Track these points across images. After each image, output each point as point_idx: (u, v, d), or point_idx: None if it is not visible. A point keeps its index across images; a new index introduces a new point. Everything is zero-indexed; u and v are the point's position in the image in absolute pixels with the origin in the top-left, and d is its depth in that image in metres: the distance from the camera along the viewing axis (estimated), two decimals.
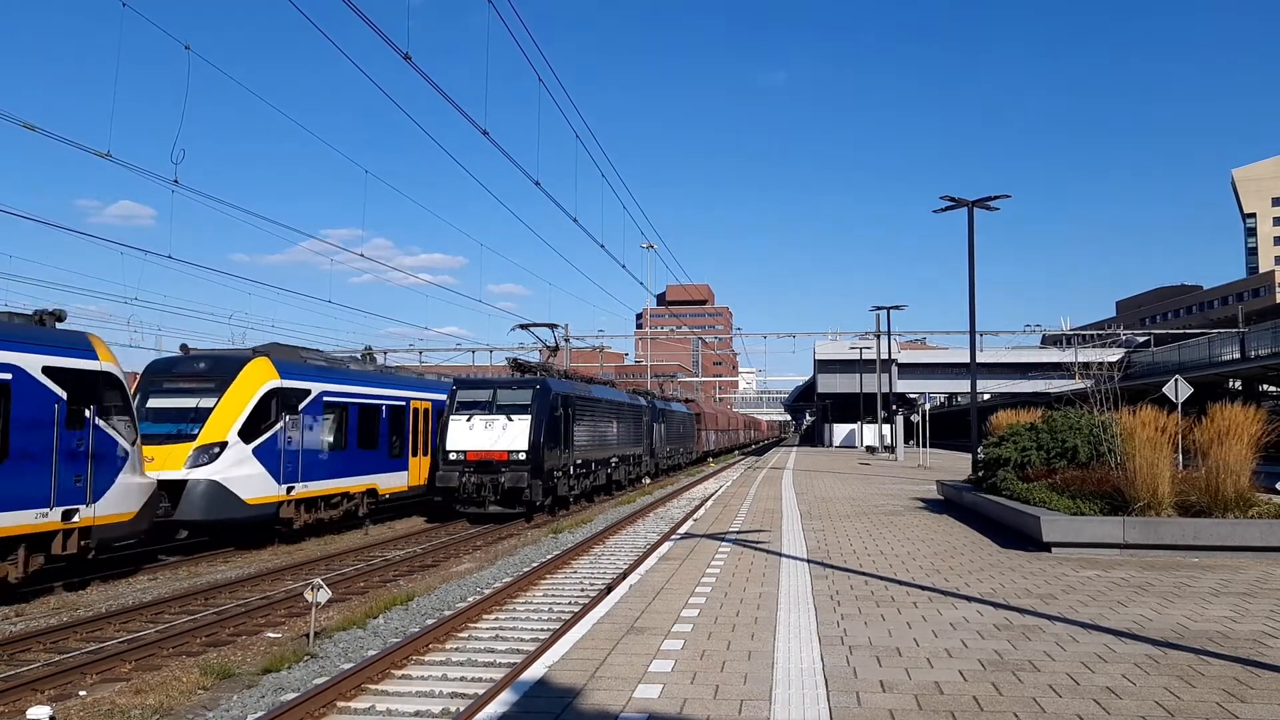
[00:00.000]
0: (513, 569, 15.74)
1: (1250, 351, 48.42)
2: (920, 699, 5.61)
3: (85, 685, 9.13)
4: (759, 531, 14.76)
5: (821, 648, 6.91)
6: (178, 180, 17.74)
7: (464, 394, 24.05)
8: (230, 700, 8.45)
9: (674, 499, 30.17)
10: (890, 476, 31.54)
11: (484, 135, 17.59)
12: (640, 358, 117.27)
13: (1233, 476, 11.82)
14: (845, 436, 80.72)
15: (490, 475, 22.53)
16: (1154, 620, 7.81)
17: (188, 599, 13.41)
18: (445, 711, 7.96)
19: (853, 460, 47.31)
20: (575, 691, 5.85)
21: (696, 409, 56.38)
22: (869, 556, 11.84)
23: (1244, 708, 5.36)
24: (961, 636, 7.26)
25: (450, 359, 64.33)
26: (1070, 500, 12.89)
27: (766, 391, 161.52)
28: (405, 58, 13.95)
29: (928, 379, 76.87)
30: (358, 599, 13.47)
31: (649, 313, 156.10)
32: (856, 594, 9.18)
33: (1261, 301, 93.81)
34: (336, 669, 9.23)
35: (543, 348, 32.18)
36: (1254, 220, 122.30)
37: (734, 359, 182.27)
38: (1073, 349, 63.12)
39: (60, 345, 13.89)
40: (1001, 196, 25.29)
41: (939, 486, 22.17)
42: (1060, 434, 16.07)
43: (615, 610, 8.47)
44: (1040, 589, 9.37)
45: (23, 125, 15.24)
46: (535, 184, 21.48)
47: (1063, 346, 71.77)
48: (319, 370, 20.98)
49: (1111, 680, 5.97)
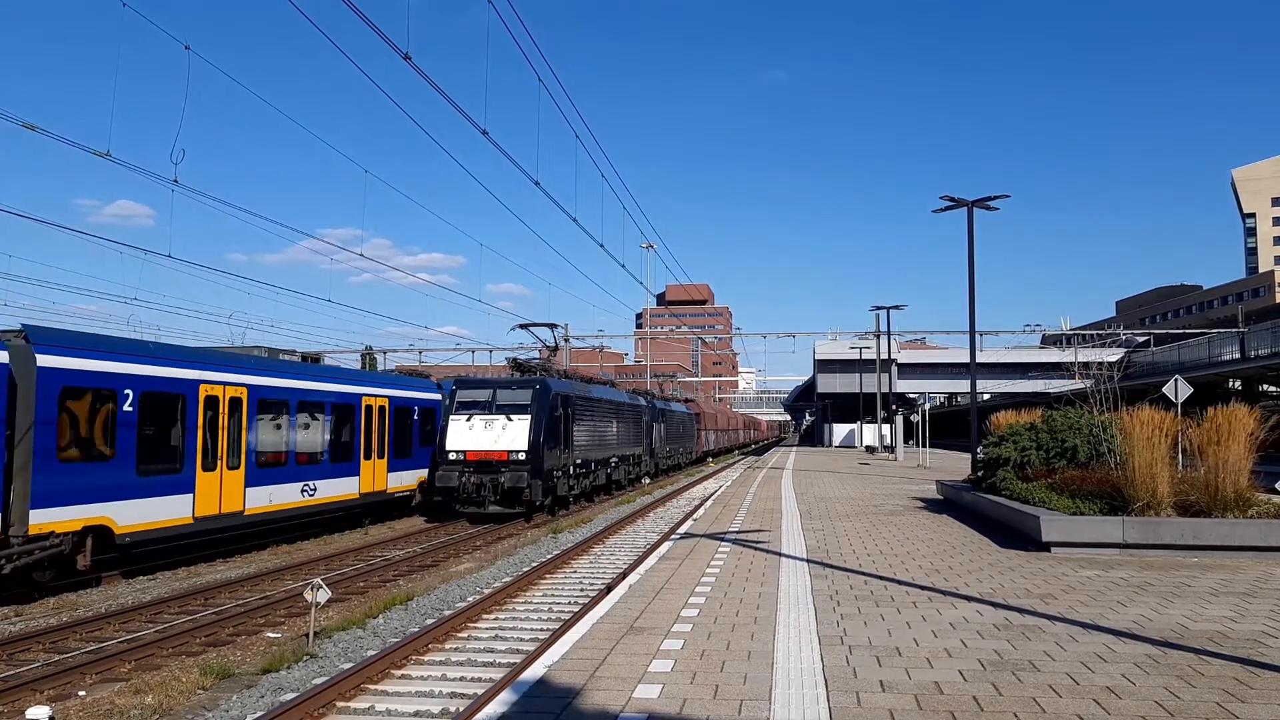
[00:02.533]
0: (512, 569, 15.73)
1: (1250, 351, 48.43)
2: (920, 699, 5.61)
3: (84, 685, 9.13)
4: (759, 531, 14.76)
5: (821, 648, 6.91)
6: (177, 180, 17.67)
7: (464, 394, 24.02)
8: (230, 700, 8.45)
9: (674, 499, 30.16)
10: (890, 476, 31.53)
11: (484, 135, 17.58)
12: (640, 358, 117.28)
13: (1232, 476, 11.83)
14: (845, 436, 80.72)
15: (490, 475, 22.52)
16: (1154, 620, 7.80)
17: (187, 599, 13.41)
18: (445, 711, 7.96)
19: (852, 460, 47.30)
20: (575, 691, 5.85)
21: (696, 409, 56.36)
22: (869, 556, 11.84)
23: (1244, 708, 5.36)
24: (961, 636, 7.25)
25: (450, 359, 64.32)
26: (1070, 500, 12.89)
27: (766, 391, 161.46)
28: (405, 58, 13.94)
29: (927, 379, 76.87)
30: (357, 599, 13.46)
31: (649, 313, 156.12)
32: (856, 594, 9.17)
33: (1261, 301, 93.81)
34: (336, 669, 9.23)
35: (542, 348, 32.15)
36: (1254, 220, 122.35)
37: (734, 359, 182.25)
38: (1073, 349, 63.17)
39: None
40: (1001, 196, 25.29)
41: (938, 486, 22.17)
42: (1060, 434, 16.07)
43: (615, 610, 8.46)
44: (1040, 589, 9.36)
45: (22, 125, 15.22)
46: (535, 184, 21.45)
47: (1062, 346, 71.80)
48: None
49: (1111, 680, 5.97)
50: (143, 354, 15.85)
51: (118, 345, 15.60)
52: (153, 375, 15.70)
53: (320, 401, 20.78)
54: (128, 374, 15.17)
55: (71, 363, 14.06)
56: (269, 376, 19.09)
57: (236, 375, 17.93)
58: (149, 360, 15.80)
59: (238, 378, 17.93)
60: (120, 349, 15.44)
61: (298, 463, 19.86)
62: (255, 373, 18.64)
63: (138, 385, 15.29)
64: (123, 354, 15.30)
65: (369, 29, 13.24)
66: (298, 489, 19.80)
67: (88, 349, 14.60)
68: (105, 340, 15.59)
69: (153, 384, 15.66)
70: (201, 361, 17.42)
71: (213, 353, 18.63)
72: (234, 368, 18.07)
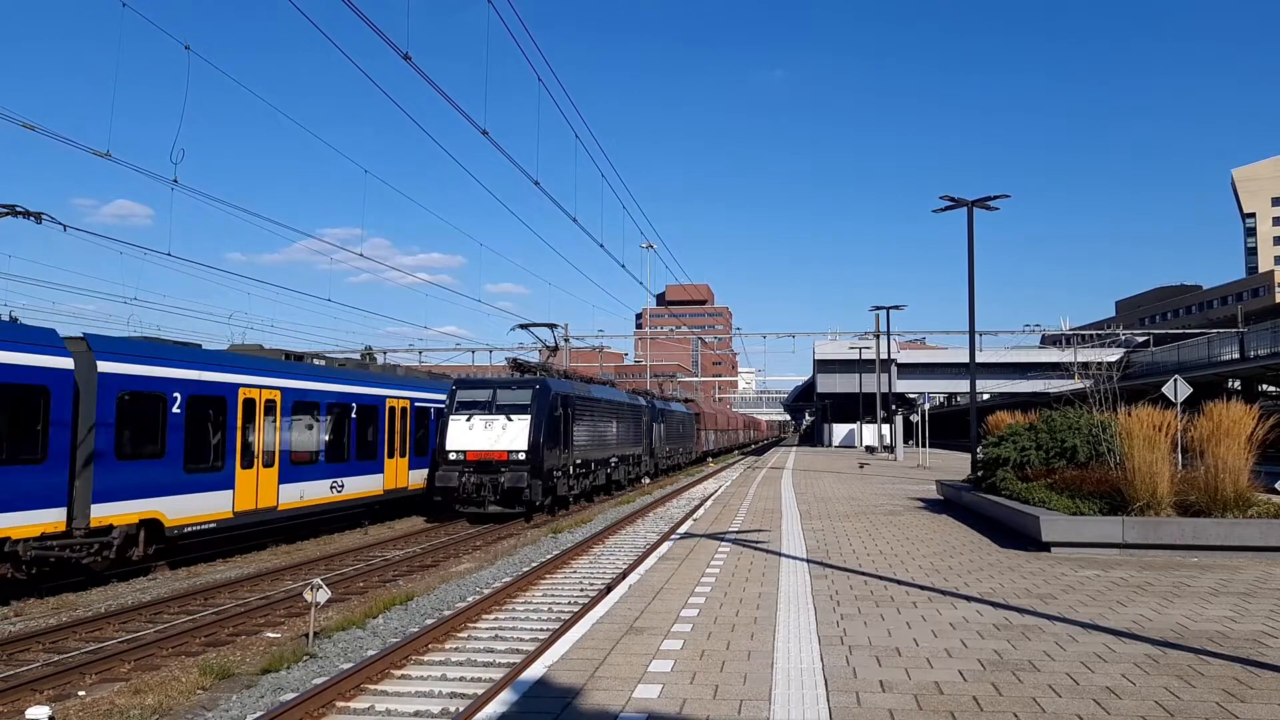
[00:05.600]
0: (512, 569, 15.73)
1: (1249, 351, 48.44)
2: (920, 699, 5.61)
3: (84, 685, 9.13)
4: (758, 531, 14.76)
5: (821, 647, 6.91)
6: (177, 180, 17.69)
7: (464, 394, 24.02)
8: (229, 700, 8.44)
9: (673, 499, 30.16)
10: (889, 476, 31.53)
11: (483, 135, 17.56)
12: (640, 358, 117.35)
13: (1231, 476, 11.83)
14: (845, 436, 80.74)
15: (490, 475, 22.52)
16: (1153, 620, 7.81)
17: (187, 599, 13.41)
18: (445, 712, 7.95)
19: (852, 460, 47.30)
20: (575, 691, 5.85)
21: (696, 409, 56.37)
22: (868, 556, 11.84)
23: (1244, 708, 5.36)
24: (961, 636, 7.26)
25: (450, 359, 64.36)
26: (1069, 500, 12.89)
27: (766, 391, 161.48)
28: (405, 57, 13.94)
29: (927, 379, 76.88)
30: (357, 599, 13.46)
31: (649, 313, 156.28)
32: (856, 594, 9.17)
33: (1261, 301, 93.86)
34: (336, 669, 9.23)
35: (542, 348, 32.15)
36: (1254, 220, 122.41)
37: (733, 359, 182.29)
38: (1072, 349, 63.14)
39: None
40: (1001, 196, 25.28)
41: (938, 486, 22.18)
42: (1059, 434, 16.07)
43: (615, 610, 8.46)
44: (1040, 589, 9.36)
45: (22, 124, 15.22)
46: (535, 184, 21.44)
47: (1062, 346, 71.82)
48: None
49: (1111, 680, 5.97)
50: (190, 360, 16.71)
51: (167, 351, 16.39)
52: (198, 380, 16.58)
53: (348, 403, 21.73)
54: (176, 378, 16.06)
55: (128, 368, 15.06)
56: (301, 380, 20.06)
57: (272, 379, 18.86)
58: (194, 365, 16.68)
59: (273, 381, 18.87)
60: (169, 355, 16.28)
61: (327, 460, 20.82)
62: (289, 376, 19.58)
63: (185, 389, 16.19)
64: (172, 360, 16.15)
65: (369, 29, 13.25)
66: (327, 485, 20.82)
67: (142, 355, 15.56)
68: (156, 346, 16.42)
69: (198, 388, 16.53)
70: (241, 366, 18.16)
71: (249, 357, 19.38)
72: (269, 372, 18.95)
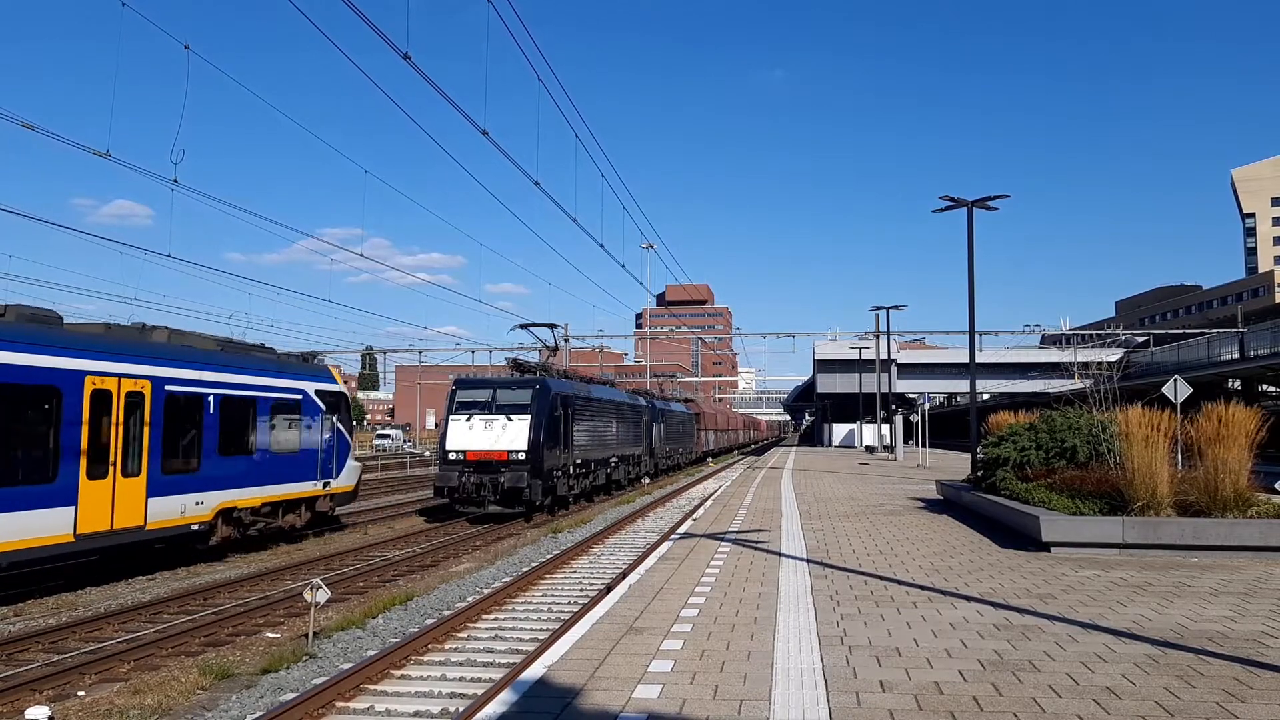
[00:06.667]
0: (512, 569, 15.73)
1: (1249, 351, 48.44)
2: (920, 699, 5.60)
3: (84, 685, 9.13)
4: (758, 531, 14.76)
5: (821, 648, 6.91)
6: (177, 180, 17.73)
7: (464, 394, 24.02)
8: (229, 700, 8.44)
9: (673, 499, 30.16)
10: (889, 476, 31.53)
11: (483, 135, 17.57)
12: (640, 358, 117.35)
13: (1231, 476, 11.82)
14: (845, 436, 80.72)
15: (490, 475, 22.52)
16: (1153, 620, 7.80)
17: (186, 599, 13.40)
18: (444, 712, 7.95)
19: (852, 460, 47.31)
20: (575, 691, 5.85)
21: (696, 409, 56.38)
22: (868, 556, 11.84)
23: (1244, 708, 5.35)
24: (961, 636, 7.25)
25: (450, 359, 64.36)
26: (1069, 500, 12.88)
27: (766, 391, 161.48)
28: (405, 57, 13.93)
29: (927, 379, 76.87)
30: (357, 599, 13.46)
31: (649, 313, 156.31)
32: (856, 594, 9.17)
33: (1261, 301, 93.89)
34: (335, 669, 9.22)
35: (542, 348, 32.17)
36: (1253, 220, 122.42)
37: (733, 359, 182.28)
38: (1072, 349, 63.09)
39: (322, 374, 20.50)
40: (1001, 196, 25.26)
41: (938, 486, 22.17)
42: (1059, 434, 16.07)
43: (615, 610, 8.46)
44: (1040, 589, 9.36)
45: (21, 125, 15.23)
46: (535, 184, 21.44)
47: (1062, 346, 71.76)
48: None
49: (1111, 680, 5.97)
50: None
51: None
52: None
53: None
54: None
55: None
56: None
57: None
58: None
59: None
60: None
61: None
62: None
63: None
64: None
65: (369, 29, 13.25)
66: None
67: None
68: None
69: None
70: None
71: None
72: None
